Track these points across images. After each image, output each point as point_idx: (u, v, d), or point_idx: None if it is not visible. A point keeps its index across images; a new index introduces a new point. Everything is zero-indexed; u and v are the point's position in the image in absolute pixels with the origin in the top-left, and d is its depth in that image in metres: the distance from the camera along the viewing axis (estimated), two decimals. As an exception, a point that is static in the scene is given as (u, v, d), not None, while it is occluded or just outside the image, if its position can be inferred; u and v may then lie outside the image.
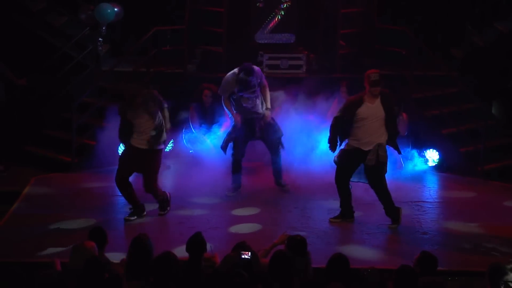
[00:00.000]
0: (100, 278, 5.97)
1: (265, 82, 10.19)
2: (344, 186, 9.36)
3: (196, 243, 6.60)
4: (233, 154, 10.28)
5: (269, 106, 10.18)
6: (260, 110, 10.14)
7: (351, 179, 9.35)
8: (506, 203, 10.34)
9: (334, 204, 9.93)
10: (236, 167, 10.31)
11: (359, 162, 9.22)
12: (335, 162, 9.36)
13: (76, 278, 6.05)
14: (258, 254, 6.71)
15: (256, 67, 10.16)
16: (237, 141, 10.22)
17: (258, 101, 10.11)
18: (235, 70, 10.01)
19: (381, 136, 9.15)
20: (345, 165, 9.27)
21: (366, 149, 9.13)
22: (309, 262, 6.73)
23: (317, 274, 6.61)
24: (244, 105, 10.07)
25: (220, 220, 9.46)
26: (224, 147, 10.32)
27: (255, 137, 10.28)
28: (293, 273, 6.17)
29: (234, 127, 10.21)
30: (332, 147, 9.27)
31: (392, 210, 9.27)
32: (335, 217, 9.45)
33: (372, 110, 9.12)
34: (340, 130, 9.21)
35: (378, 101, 9.15)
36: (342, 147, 9.31)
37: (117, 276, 6.14)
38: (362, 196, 10.01)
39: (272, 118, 10.27)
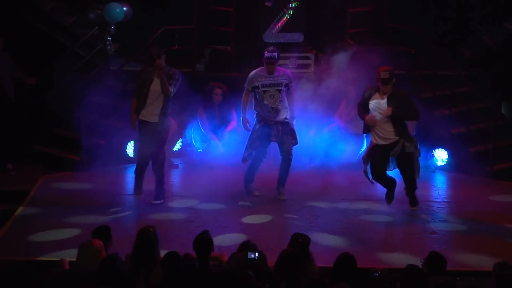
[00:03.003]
0: (117, 276, 5.98)
1: (293, 89, 10.09)
2: (383, 180, 9.62)
3: (203, 241, 6.60)
4: (254, 157, 10.09)
5: (294, 115, 10.09)
6: (280, 118, 9.95)
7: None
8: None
9: (344, 204, 9.95)
10: (254, 169, 10.18)
11: (385, 156, 9.42)
12: (363, 159, 9.65)
13: (92, 277, 6.05)
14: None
15: (287, 70, 10.26)
16: (258, 144, 10.03)
17: (281, 105, 9.92)
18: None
19: (393, 133, 9.34)
20: (374, 162, 9.50)
21: (383, 143, 9.35)
22: (312, 262, 6.71)
23: (324, 274, 6.58)
24: (265, 102, 9.89)
25: (228, 219, 9.45)
26: (246, 159, 10.09)
27: (271, 140, 10.11)
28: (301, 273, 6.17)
29: (251, 135, 10.03)
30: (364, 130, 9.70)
31: (412, 196, 9.68)
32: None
33: (379, 104, 9.36)
34: (363, 115, 9.54)
35: (385, 99, 9.28)
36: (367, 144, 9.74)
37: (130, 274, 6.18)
38: (370, 194, 10.02)
39: (292, 126, 10.07)
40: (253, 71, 10.09)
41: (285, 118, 10.01)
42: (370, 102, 9.42)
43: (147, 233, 6.54)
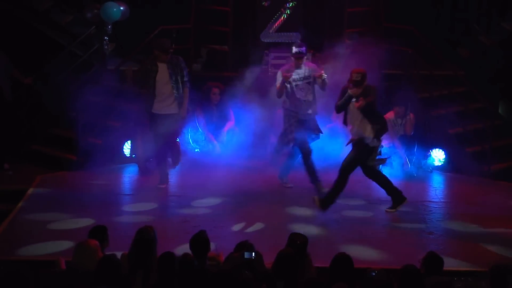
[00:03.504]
0: (114, 276, 5.97)
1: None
2: (375, 176, 9.64)
3: (199, 241, 6.58)
4: (302, 153, 10.23)
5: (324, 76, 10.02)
6: (311, 111, 10.18)
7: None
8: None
9: (341, 204, 9.94)
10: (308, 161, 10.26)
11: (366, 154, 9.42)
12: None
13: (89, 277, 6.04)
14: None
15: (311, 63, 10.43)
16: (300, 140, 10.15)
17: (312, 97, 10.15)
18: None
19: (365, 129, 9.31)
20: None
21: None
22: (309, 263, 6.69)
23: (321, 274, 6.58)
24: (297, 96, 10.08)
25: (224, 218, 9.44)
26: (278, 150, 10.40)
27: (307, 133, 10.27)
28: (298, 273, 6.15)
29: (287, 129, 10.14)
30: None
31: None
32: (390, 208, 9.69)
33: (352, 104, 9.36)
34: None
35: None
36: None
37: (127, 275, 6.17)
38: (367, 194, 10.01)
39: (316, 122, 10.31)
40: (282, 67, 10.27)
41: (314, 113, 10.21)
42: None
43: (146, 232, 6.53)
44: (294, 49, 10.12)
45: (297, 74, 10.10)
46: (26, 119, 12.00)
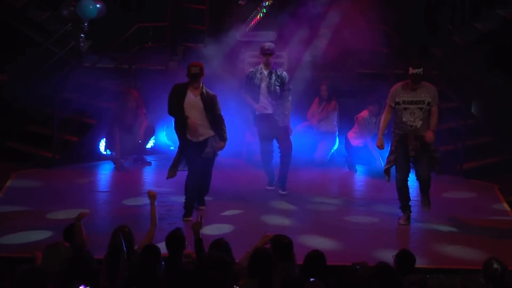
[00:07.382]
0: (87, 272, 5.99)
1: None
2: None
3: (175, 238, 6.63)
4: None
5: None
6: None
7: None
8: (494, 204, 10.37)
9: (316, 202, 10.02)
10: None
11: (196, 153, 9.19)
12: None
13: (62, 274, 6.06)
14: (244, 255, 6.71)
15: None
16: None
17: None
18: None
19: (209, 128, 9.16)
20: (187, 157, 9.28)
21: (195, 140, 9.12)
22: (294, 264, 6.71)
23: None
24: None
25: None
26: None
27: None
28: (274, 271, 6.18)
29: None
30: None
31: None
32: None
33: (193, 102, 9.12)
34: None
35: (198, 97, 9.15)
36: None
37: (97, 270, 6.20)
38: (341, 192, 10.06)
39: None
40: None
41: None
42: (185, 101, 9.08)
43: (121, 232, 6.57)
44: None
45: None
46: (1, 116, 11.95)
